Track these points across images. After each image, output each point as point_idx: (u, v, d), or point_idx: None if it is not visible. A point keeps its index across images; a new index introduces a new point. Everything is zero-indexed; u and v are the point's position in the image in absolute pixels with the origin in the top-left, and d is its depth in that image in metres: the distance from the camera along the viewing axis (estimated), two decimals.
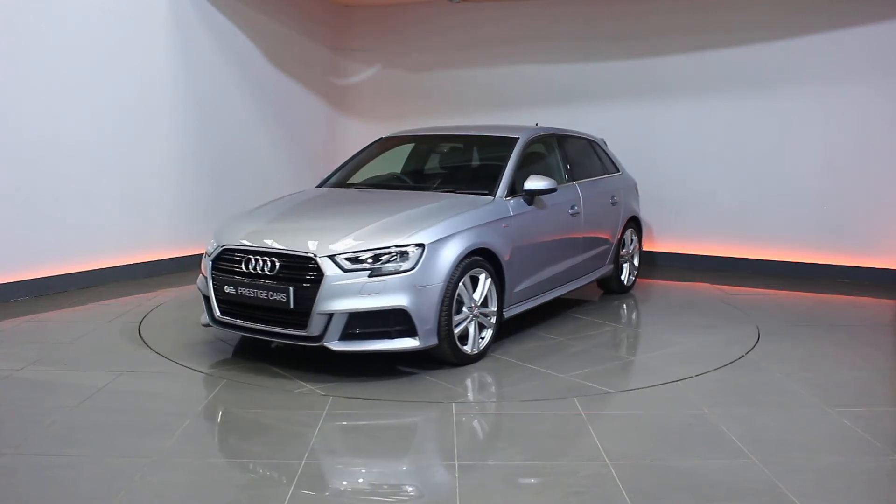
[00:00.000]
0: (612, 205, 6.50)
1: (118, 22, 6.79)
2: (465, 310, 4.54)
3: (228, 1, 7.92)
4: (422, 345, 4.31)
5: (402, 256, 4.28)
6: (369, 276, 4.20)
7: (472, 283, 4.62)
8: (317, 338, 4.25)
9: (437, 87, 9.39)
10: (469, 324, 4.60)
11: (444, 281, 4.36)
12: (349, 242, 4.31)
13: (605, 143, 7.13)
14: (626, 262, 6.84)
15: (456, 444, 3.46)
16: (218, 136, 7.95)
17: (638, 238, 7.10)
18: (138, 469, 3.15)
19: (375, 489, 3.11)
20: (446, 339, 4.42)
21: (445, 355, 4.50)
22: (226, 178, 8.07)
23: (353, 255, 4.25)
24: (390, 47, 9.63)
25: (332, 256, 4.24)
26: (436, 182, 5.81)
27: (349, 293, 4.18)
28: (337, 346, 4.23)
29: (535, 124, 6.70)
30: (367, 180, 5.97)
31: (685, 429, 3.69)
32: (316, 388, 4.17)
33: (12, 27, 5.98)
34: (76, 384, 4.22)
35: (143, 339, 5.13)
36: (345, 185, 5.88)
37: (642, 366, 4.83)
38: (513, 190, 5.22)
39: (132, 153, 7.02)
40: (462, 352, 4.56)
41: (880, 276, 7.43)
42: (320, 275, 4.20)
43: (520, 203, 5.19)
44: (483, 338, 4.74)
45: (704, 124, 8.12)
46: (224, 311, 4.58)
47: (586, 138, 6.82)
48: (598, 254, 6.31)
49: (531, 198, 5.29)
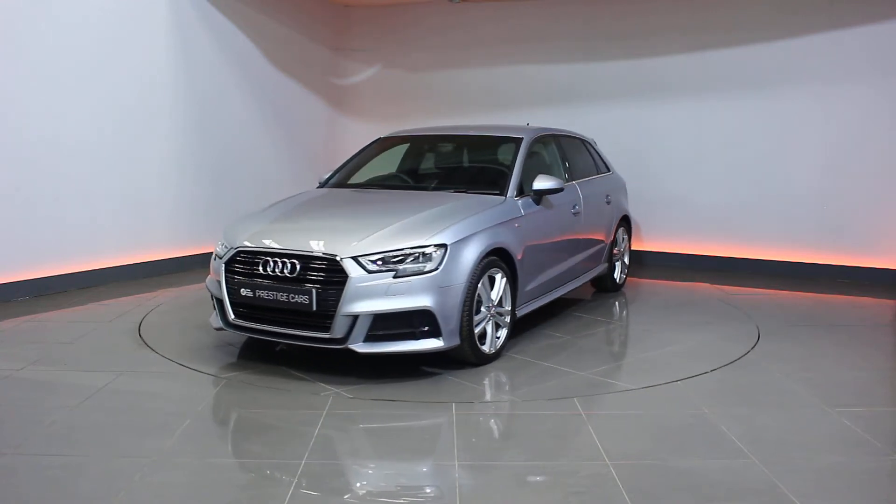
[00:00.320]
0: (606, 204, 6.58)
1: (118, 22, 6.79)
2: (483, 309, 4.54)
3: (228, 1, 7.92)
4: (446, 345, 4.30)
5: (425, 257, 4.26)
6: (394, 277, 4.18)
7: (489, 283, 4.62)
8: (340, 340, 4.20)
9: (437, 87, 9.39)
10: (487, 323, 4.61)
11: (466, 281, 4.36)
12: (372, 243, 4.27)
13: (595, 143, 7.17)
14: (618, 261, 6.93)
15: (456, 445, 3.46)
16: (218, 136, 7.95)
17: (628, 237, 7.20)
18: (138, 469, 3.15)
19: (375, 489, 3.11)
20: (467, 339, 4.42)
21: (466, 355, 4.49)
22: (226, 178, 8.07)
23: (376, 256, 4.22)
24: (390, 47, 9.63)
25: (356, 258, 4.19)
26: (443, 182, 5.79)
27: (374, 294, 4.15)
28: (362, 348, 4.19)
29: (527, 124, 6.76)
30: (372, 180, 5.95)
31: (685, 429, 3.69)
32: (341, 391, 4.12)
33: (12, 27, 5.99)
34: (76, 384, 4.22)
35: (143, 339, 5.13)
36: (350, 185, 5.84)
37: (656, 362, 4.83)
38: (520, 190, 5.25)
39: (132, 153, 7.02)
40: (481, 351, 4.57)
41: (880, 276, 7.43)
42: (344, 276, 4.15)
43: (528, 203, 5.22)
44: (499, 337, 4.75)
45: (704, 124, 8.12)
46: (239, 315, 4.50)
47: (580, 138, 6.88)
48: (596, 252, 6.37)
49: (539, 198, 5.33)
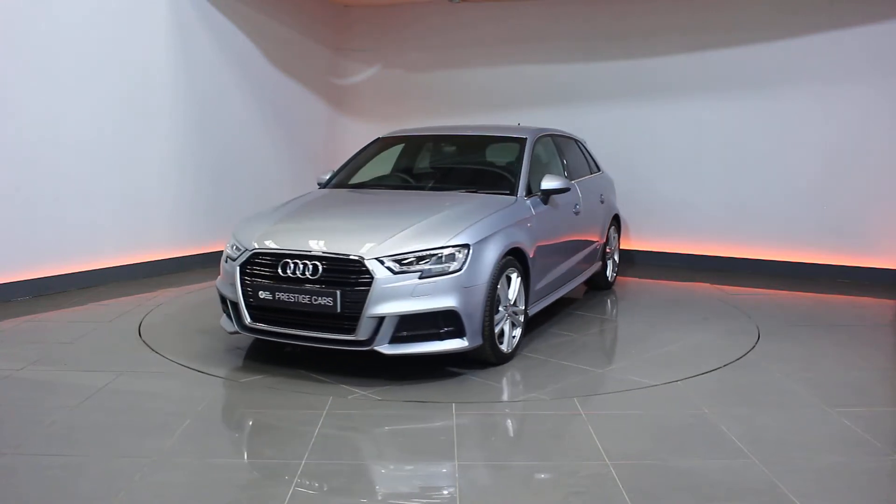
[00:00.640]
0: (601, 203, 6.66)
1: (118, 22, 6.79)
2: (500, 309, 4.54)
3: (228, 1, 7.92)
4: (470, 345, 4.30)
5: (448, 257, 4.26)
6: (420, 278, 4.17)
7: (506, 283, 4.63)
8: (366, 342, 4.17)
9: (437, 87, 9.39)
10: (504, 323, 4.61)
11: (488, 281, 4.36)
12: (395, 244, 4.25)
13: (585, 143, 7.24)
14: (609, 260, 6.99)
15: (456, 445, 3.46)
16: (218, 136, 7.95)
17: (618, 236, 7.31)
18: (138, 469, 3.15)
19: (375, 489, 3.10)
20: (488, 339, 4.42)
21: (486, 355, 4.50)
22: (226, 178, 8.07)
23: (401, 257, 4.20)
24: (390, 47, 9.63)
25: (381, 259, 4.17)
26: (451, 182, 5.77)
27: (400, 296, 4.13)
28: (387, 349, 4.18)
29: (517, 123, 6.82)
30: (378, 180, 5.92)
31: (685, 429, 3.69)
32: (368, 393, 4.10)
33: (12, 27, 5.99)
34: (76, 384, 4.22)
35: (143, 339, 5.13)
36: (356, 185, 5.80)
37: (669, 358, 4.85)
38: (528, 189, 5.27)
39: (132, 153, 7.02)
40: (500, 351, 4.58)
41: (880, 276, 7.43)
42: (369, 277, 4.13)
43: (537, 202, 5.26)
44: (514, 336, 4.76)
45: (704, 124, 8.12)
46: (256, 318, 4.43)
47: (573, 138, 6.91)
48: (592, 252, 6.43)
49: (546, 197, 5.37)
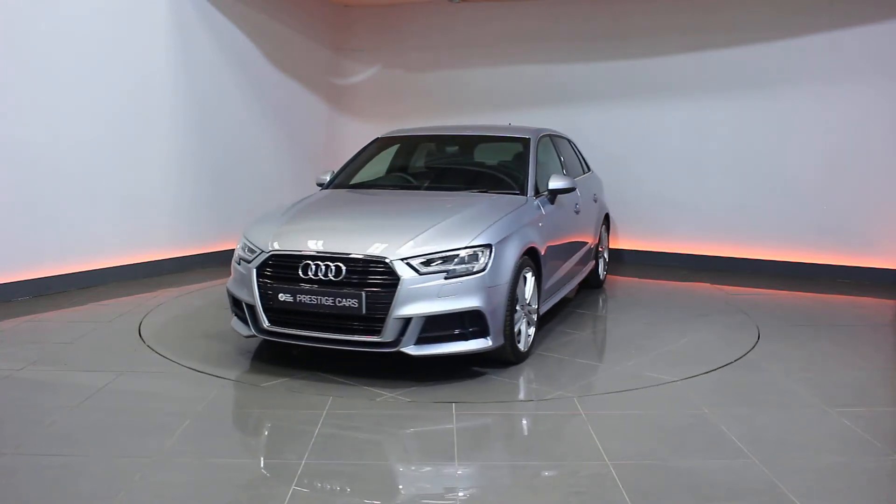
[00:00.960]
0: (594, 202, 6.71)
1: (118, 22, 6.79)
2: (517, 308, 4.55)
3: (228, 1, 7.92)
4: (493, 345, 4.30)
5: (471, 257, 4.26)
6: (446, 279, 4.16)
7: (522, 282, 4.65)
8: (391, 343, 4.15)
9: (437, 87, 9.39)
10: (521, 322, 4.63)
11: (509, 280, 4.38)
12: (419, 245, 4.23)
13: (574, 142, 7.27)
14: (600, 258, 7.05)
15: (456, 445, 3.46)
16: (218, 136, 7.95)
17: (608, 234, 7.40)
18: (138, 469, 3.15)
19: (374, 489, 3.10)
20: (509, 339, 4.43)
21: (507, 354, 4.50)
22: (226, 178, 8.07)
23: (426, 257, 4.18)
24: (390, 47, 9.63)
25: (406, 259, 4.16)
26: (460, 182, 5.75)
27: (426, 296, 4.12)
28: (414, 350, 4.17)
29: (508, 124, 6.87)
30: (385, 181, 5.90)
31: (685, 429, 3.69)
32: (396, 395, 4.09)
33: (12, 27, 5.99)
34: (76, 384, 4.22)
35: (143, 339, 5.13)
36: (363, 186, 5.75)
37: (684, 355, 4.87)
38: (535, 189, 5.29)
39: (132, 153, 7.02)
40: (519, 350, 4.59)
41: (880, 276, 7.43)
42: (395, 279, 4.10)
43: (544, 202, 5.29)
44: (529, 335, 4.77)
45: (704, 124, 8.12)
46: (274, 321, 4.36)
47: (566, 137, 6.93)
48: (588, 251, 6.48)
49: (553, 197, 5.40)
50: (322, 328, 4.26)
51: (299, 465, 3.21)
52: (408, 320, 4.11)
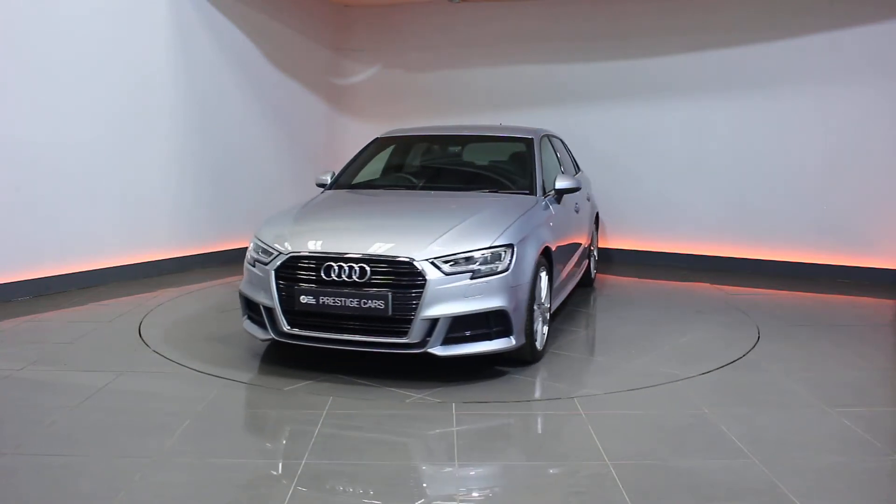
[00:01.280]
0: (587, 201, 6.78)
1: (118, 22, 6.79)
2: (535, 307, 4.56)
3: (228, 1, 7.92)
4: (516, 344, 4.31)
5: (494, 257, 4.26)
6: (471, 279, 4.16)
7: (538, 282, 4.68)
8: (418, 344, 4.13)
9: (437, 87, 9.39)
10: (538, 321, 4.65)
11: (530, 280, 4.41)
12: (444, 245, 4.22)
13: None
14: (592, 257, 7.11)
15: (456, 444, 3.46)
16: (218, 136, 7.95)
17: (597, 233, 7.47)
18: (138, 469, 3.15)
19: (374, 489, 3.10)
20: (528, 337, 4.45)
21: (525, 353, 4.51)
22: (226, 178, 8.07)
23: (452, 258, 4.18)
24: (390, 47, 9.63)
25: (432, 260, 4.14)
26: (469, 182, 5.75)
27: (453, 297, 4.11)
28: (440, 351, 4.15)
29: (499, 123, 6.90)
30: (393, 181, 5.88)
31: (685, 429, 3.69)
32: (425, 396, 4.07)
33: (12, 27, 5.99)
34: (76, 384, 4.22)
35: (143, 339, 5.13)
36: (371, 186, 5.72)
37: (691, 351, 4.86)
38: (543, 189, 5.33)
39: (132, 153, 7.02)
40: (536, 348, 4.61)
41: (880, 276, 7.43)
42: (422, 279, 4.08)
43: (552, 201, 5.33)
44: (544, 334, 4.80)
45: (704, 124, 8.12)
46: (294, 323, 4.30)
47: (559, 137, 6.95)
48: (585, 249, 6.55)
49: (560, 197, 5.46)
50: (346, 330, 4.21)
51: (299, 465, 3.21)
52: (435, 321, 4.10)
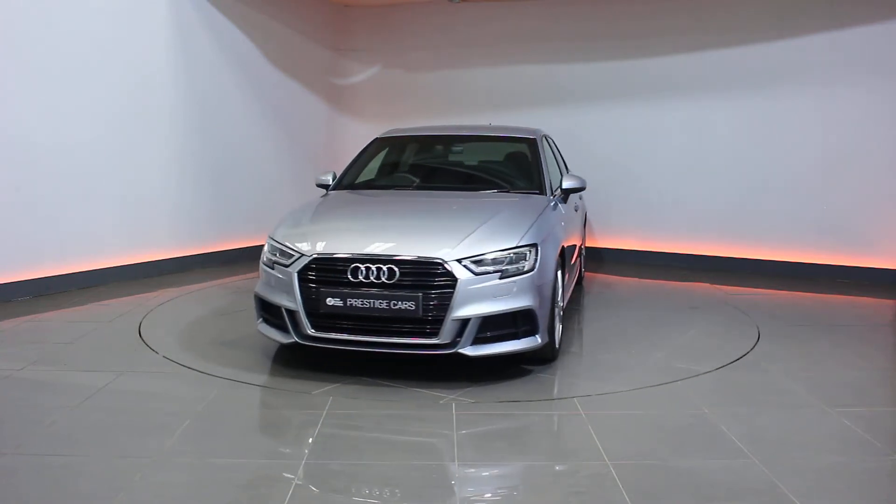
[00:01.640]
0: (580, 200, 6.82)
1: (118, 22, 6.79)
2: (555, 306, 4.61)
3: (228, 1, 7.92)
4: (541, 342, 4.32)
5: (519, 257, 4.27)
6: (500, 279, 4.16)
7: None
8: (449, 345, 4.11)
9: (437, 87, 9.39)
10: (557, 319, 4.68)
11: (553, 279, 4.45)
12: (471, 246, 4.21)
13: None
14: (582, 255, 7.13)
15: (456, 444, 3.47)
16: (218, 136, 7.95)
17: (585, 232, 7.51)
18: (138, 469, 3.15)
19: (374, 488, 3.10)
20: (550, 336, 4.47)
21: (546, 352, 4.51)
22: (226, 178, 8.07)
23: (480, 258, 4.17)
24: (390, 47, 9.63)
25: (462, 261, 4.12)
26: (476, 182, 5.75)
27: (483, 297, 4.11)
28: (471, 351, 4.13)
29: (489, 123, 6.92)
30: (401, 181, 5.86)
31: (685, 429, 3.69)
32: (458, 397, 4.05)
33: (12, 27, 5.99)
34: (76, 384, 4.22)
35: (143, 339, 5.13)
36: (376, 186, 5.71)
37: (693, 350, 4.86)
38: (551, 189, 5.36)
39: (132, 153, 7.02)
40: (555, 346, 4.64)
41: (880, 276, 7.43)
42: (452, 280, 4.07)
43: (559, 201, 5.36)
44: (560, 331, 4.84)
45: (704, 124, 8.12)
46: (318, 326, 4.23)
47: (551, 137, 6.96)
48: (580, 247, 6.61)
49: (566, 196, 5.50)
50: (373, 332, 4.16)
51: (299, 465, 3.21)
52: (465, 321, 4.09)
